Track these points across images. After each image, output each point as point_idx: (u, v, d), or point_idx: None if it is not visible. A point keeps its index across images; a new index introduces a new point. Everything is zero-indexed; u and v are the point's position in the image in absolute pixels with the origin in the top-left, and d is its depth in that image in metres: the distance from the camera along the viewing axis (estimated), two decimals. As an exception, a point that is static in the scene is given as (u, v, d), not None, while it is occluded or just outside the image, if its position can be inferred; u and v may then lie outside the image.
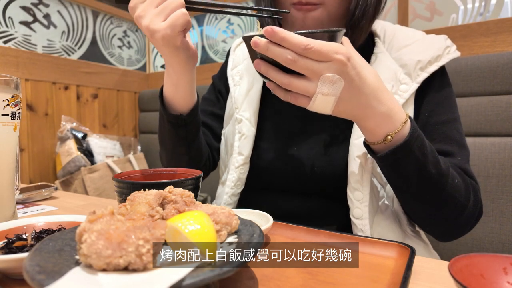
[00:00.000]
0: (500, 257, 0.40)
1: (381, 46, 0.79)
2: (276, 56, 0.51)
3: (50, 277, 0.31)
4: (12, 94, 0.58)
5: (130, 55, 2.42)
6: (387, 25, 0.83)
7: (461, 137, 0.76)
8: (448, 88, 0.78)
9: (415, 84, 0.73)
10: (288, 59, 0.50)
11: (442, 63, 0.74)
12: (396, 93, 0.73)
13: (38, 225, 0.52)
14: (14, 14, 1.75)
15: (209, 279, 0.31)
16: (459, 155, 0.73)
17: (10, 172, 0.60)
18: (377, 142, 0.60)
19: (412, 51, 0.75)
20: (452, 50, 0.76)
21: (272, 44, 0.51)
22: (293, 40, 0.49)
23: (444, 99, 0.76)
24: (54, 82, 1.89)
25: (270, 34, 0.50)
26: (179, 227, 0.36)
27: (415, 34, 0.80)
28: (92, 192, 1.75)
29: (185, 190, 0.47)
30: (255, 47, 0.52)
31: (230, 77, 0.94)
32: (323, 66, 0.51)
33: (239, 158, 0.84)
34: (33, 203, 0.87)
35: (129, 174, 0.68)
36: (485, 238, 1.07)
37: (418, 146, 0.59)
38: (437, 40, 0.77)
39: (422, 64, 0.73)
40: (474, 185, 0.72)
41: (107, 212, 0.37)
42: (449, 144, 0.74)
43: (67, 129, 1.86)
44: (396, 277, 0.43)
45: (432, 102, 0.76)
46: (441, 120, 0.75)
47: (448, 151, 0.73)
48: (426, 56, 0.74)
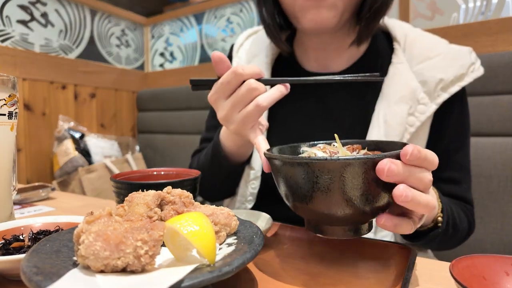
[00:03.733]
0: (501, 258, 0.39)
1: (401, 55, 0.74)
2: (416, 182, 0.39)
3: (47, 278, 0.30)
4: (9, 94, 0.57)
5: (128, 54, 2.41)
6: (408, 29, 0.78)
7: (468, 163, 0.76)
8: (467, 110, 0.76)
9: (434, 105, 0.69)
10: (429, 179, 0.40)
11: (466, 82, 0.70)
12: (413, 114, 0.69)
13: (36, 226, 0.52)
14: (11, 12, 1.74)
15: (208, 280, 0.31)
16: (465, 182, 0.75)
17: (7, 173, 0.59)
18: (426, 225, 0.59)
19: (435, 67, 0.70)
20: (477, 67, 0.71)
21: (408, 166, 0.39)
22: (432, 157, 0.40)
23: (463, 125, 0.74)
24: (51, 82, 1.88)
25: (415, 155, 0.38)
26: (178, 228, 0.36)
27: (439, 44, 0.74)
28: (90, 193, 1.74)
29: (183, 191, 0.47)
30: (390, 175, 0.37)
31: None
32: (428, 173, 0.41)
33: (251, 172, 0.80)
34: (31, 203, 0.86)
35: (127, 174, 0.67)
36: (487, 239, 1.07)
37: (451, 225, 0.63)
38: (462, 55, 0.72)
39: (445, 83, 0.69)
40: (471, 210, 0.75)
41: (105, 213, 0.37)
42: (459, 171, 0.74)
43: (64, 129, 1.85)
44: (397, 278, 0.43)
45: (453, 128, 0.73)
46: (456, 147, 0.74)
47: (456, 178, 0.74)
48: (449, 75, 0.69)
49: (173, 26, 2.41)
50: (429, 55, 0.72)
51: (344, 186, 0.38)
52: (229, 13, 2.14)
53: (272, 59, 0.84)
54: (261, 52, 0.85)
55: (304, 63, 0.84)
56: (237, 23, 2.11)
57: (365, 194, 0.39)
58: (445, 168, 0.72)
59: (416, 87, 0.70)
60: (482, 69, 0.72)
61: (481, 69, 0.72)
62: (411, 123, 0.70)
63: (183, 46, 2.38)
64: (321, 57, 0.81)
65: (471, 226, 0.74)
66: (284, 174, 0.42)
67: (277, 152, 0.51)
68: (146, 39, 2.52)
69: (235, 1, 2.08)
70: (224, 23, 2.17)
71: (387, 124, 0.70)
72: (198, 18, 2.29)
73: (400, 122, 0.69)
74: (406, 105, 0.69)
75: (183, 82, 2.19)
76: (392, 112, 0.70)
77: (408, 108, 0.69)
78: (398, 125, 0.69)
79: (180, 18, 2.36)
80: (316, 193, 0.39)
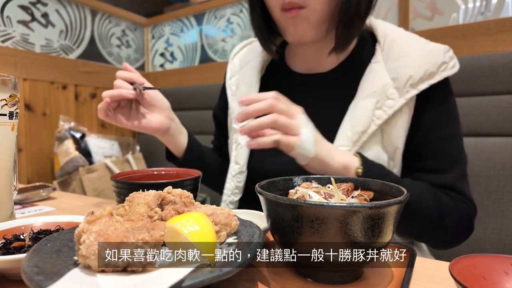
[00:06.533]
0: (501, 257, 0.39)
1: (379, 55, 0.78)
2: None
3: (48, 278, 0.31)
4: (10, 94, 0.57)
5: (128, 54, 2.41)
6: (389, 29, 0.81)
7: (458, 153, 0.76)
8: (449, 102, 0.77)
9: (402, 100, 0.72)
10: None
11: (435, 81, 0.72)
12: (380, 108, 0.73)
13: (36, 225, 0.52)
14: (12, 13, 1.74)
15: (208, 280, 0.31)
16: (452, 172, 0.74)
17: (8, 172, 0.59)
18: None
19: (407, 65, 0.74)
20: (449, 67, 0.74)
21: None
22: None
23: (444, 114, 0.76)
24: (52, 82, 1.88)
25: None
26: (179, 228, 0.36)
27: (415, 44, 0.77)
28: (90, 193, 1.74)
29: (184, 191, 0.47)
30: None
31: (228, 87, 0.96)
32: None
33: (236, 167, 0.87)
34: (31, 203, 0.86)
35: (128, 174, 0.68)
36: (486, 239, 1.07)
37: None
38: (435, 54, 0.74)
39: (413, 80, 0.72)
40: (462, 199, 0.74)
41: (105, 213, 0.37)
42: (444, 161, 0.74)
43: (65, 129, 1.85)
44: (397, 278, 0.43)
45: (431, 118, 0.75)
46: (438, 136, 0.75)
47: (440, 168, 0.74)
48: (418, 72, 0.72)
49: (173, 27, 2.41)
50: (403, 54, 0.75)
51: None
52: (229, 14, 2.14)
53: (263, 65, 0.91)
54: (253, 59, 0.92)
55: (293, 65, 0.89)
56: (237, 24, 2.11)
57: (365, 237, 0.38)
58: (426, 158, 0.75)
59: (387, 83, 0.74)
60: (456, 68, 0.75)
61: (455, 68, 0.75)
62: (379, 116, 0.73)
63: (183, 47, 2.38)
64: (308, 61, 0.86)
65: (463, 213, 0.72)
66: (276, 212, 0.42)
67: (269, 186, 0.51)
68: (147, 40, 2.53)
69: (235, 2, 2.09)
70: (224, 24, 2.17)
71: (353, 116, 0.75)
72: (198, 18, 2.29)
73: (366, 115, 0.73)
74: (373, 99, 0.74)
75: (183, 82, 2.19)
76: (359, 106, 0.75)
77: (375, 102, 0.73)
78: (364, 117, 0.74)
79: (181, 18, 2.36)
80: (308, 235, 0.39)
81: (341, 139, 0.74)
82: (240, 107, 0.89)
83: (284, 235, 0.42)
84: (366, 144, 0.74)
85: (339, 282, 0.42)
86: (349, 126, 0.74)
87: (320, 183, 0.51)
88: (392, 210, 0.38)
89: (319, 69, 0.85)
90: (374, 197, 0.48)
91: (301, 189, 0.48)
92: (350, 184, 0.50)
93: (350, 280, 0.43)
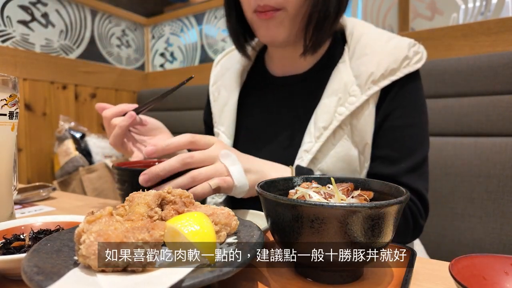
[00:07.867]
0: (501, 257, 0.39)
1: (346, 55, 0.78)
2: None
3: (48, 278, 0.31)
4: (10, 94, 0.57)
5: (128, 54, 2.41)
6: (355, 27, 0.81)
7: (414, 144, 0.75)
8: (411, 93, 0.76)
9: (364, 96, 0.73)
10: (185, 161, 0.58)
11: (397, 77, 0.72)
12: (343, 105, 0.74)
13: (36, 225, 0.52)
14: (12, 13, 1.74)
15: (208, 280, 0.31)
16: (403, 163, 0.73)
17: (8, 172, 0.59)
18: None
19: (369, 62, 0.74)
20: (413, 62, 0.73)
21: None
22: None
23: (402, 104, 0.75)
24: (52, 82, 1.88)
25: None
26: (179, 228, 0.36)
27: (379, 39, 0.77)
28: (90, 192, 1.74)
29: (184, 191, 0.47)
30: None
31: (211, 93, 0.98)
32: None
33: None
34: (31, 203, 0.86)
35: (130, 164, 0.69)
36: (486, 239, 1.07)
37: None
38: (397, 50, 0.74)
39: (375, 77, 0.72)
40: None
41: (105, 212, 0.37)
42: (396, 150, 0.74)
43: (65, 129, 1.85)
44: (397, 278, 0.43)
45: (388, 107, 0.75)
46: (393, 124, 0.74)
47: (391, 157, 0.74)
48: (379, 69, 0.72)
49: (173, 27, 2.41)
50: (366, 52, 0.76)
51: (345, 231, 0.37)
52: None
53: (243, 70, 0.94)
54: (234, 65, 0.96)
55: (272, 69, 0.92)
56: (237, 23, 2.11)
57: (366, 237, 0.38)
58: (378, 147, 0.75)
59: (349, 81, 0.75)
60: (421, 63, 0.75)
61: (419, 64, 0.74)
62: (341, 112, 0.74)
63: (183, 47, 2.38)
64: (284, 64, 0.88)
65: (405, 209, 0.72)
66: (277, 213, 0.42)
67: (269, 186, 0.50)
68: (147, 40, 2.53)
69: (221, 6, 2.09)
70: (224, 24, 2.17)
71: (317, 113, 0.77)
72: (198, 18, 2.29)
73: (328, 111, 0.75)
74: (336, 97, 0.75)
75: (184, 82, 2.19)
76: (321, 104, 0.76)
77: (337, 100, 0.75)
78: (326, 114, 0.75)
79: (181, 18, 2.36)
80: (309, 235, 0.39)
81: (307, 136, 0.76)
82: (220, 113, 0.92)
83: (284, 235, 0.42)
84: (333, 140, 0.75)
85: (339, 282, 0.42)
86: (313, 123, 0.76)
87: (320, 183, 0.51)
88: (392, 210, 0.38)
89: (295, 71, 0.87)
90: (374, 197, 0.48)
91: (301, 189, 0.48)
92: (350, 184, 0.50)
93: (350, 280, 0.43)
